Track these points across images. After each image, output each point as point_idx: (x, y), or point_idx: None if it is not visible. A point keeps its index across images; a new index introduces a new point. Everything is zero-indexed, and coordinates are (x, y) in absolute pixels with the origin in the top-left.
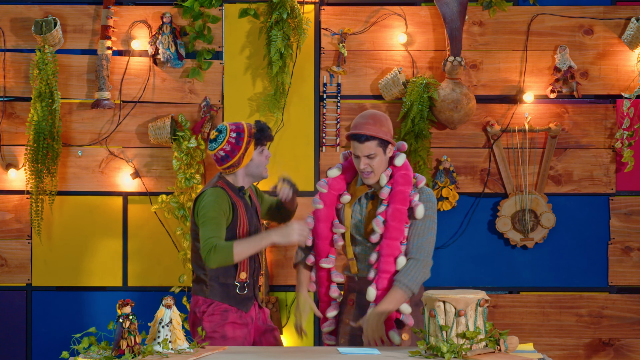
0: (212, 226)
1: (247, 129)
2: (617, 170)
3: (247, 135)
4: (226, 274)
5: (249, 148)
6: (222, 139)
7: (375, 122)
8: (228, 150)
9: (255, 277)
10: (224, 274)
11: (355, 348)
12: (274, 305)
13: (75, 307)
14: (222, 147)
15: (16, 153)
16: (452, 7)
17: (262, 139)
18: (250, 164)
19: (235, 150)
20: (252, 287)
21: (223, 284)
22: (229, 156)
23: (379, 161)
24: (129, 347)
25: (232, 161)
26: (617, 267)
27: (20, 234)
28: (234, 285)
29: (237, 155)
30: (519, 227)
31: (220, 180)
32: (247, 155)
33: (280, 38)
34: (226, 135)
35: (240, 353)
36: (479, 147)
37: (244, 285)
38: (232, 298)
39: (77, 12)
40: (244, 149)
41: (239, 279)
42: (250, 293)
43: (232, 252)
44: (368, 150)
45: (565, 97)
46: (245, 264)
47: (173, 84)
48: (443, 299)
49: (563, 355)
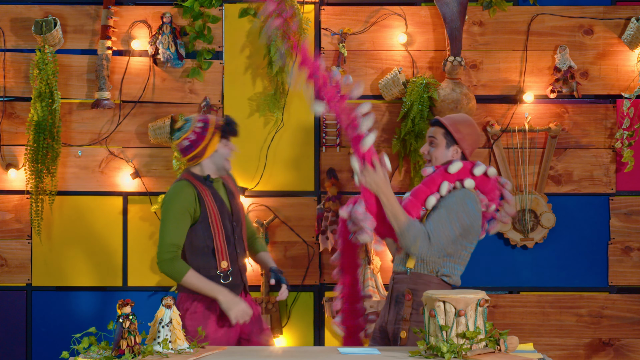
0: (173, 228)
1: (213, 121)
2: (617, 170)
3: (213, 126)
4: (207, 266)
5: (213, 139)
6: (188, 128)
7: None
8: (192, 139)
9: (240, 263)
10: (204, 266)
11: (355, 348)
12: (274, 305)
13: (75, 307)
14: (186, 136)
15: (16, 153)
16: (452, 7)
17: (227, 132)
18: (214, 155)
19: (200, 140)
20: (237, 274)
21: (209, 275)
22: (192, 146)
23: (438, 151)
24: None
25: (195, 151)
26: (617, 267)
27: (20, 234)
28: (217, 276)
29: (200, 145)
30: (519, 227)
31: (185, 173)
32: (211, 145)
33: (281, 38)
34: (192, 125)
35: (240, 353)
36: (479, 147)
37: (227, 274)
38: None
39: (77, 12)
40: (208, 140)
41: (220, 269)
42: (236, 280)
43: (182, 277)
44: (432, 132)
45: (565, 97)
46: (224, 251)
47: (173, 84)
48: (443, 299)
49: (563, 355)
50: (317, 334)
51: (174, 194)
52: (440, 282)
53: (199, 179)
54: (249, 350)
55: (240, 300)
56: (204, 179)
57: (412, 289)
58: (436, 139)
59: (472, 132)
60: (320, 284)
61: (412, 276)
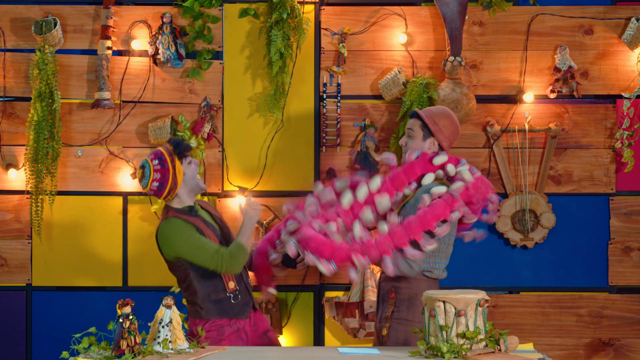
0: (203, 249)
1: (165, 151)
2: (617, 170)
3: (167, 155)
4: (216, 290)
5: (176, 165)
6: (149, 171)
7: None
8: (159, 177)
9: (245, 280)
10: (214, 290)
11: (355, 348)
12: (274, 305)
13: (75, 307)
14: (152, 178)
15: (16, 153)
16: (452, 7)
17: (182, 151)
18: (185, 179)
19: (166, 174)
20: (245, 291)
21: (216, 300)
22: (163, 183)
23: (414, 143)
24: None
25: (168, 185)
26: (617, 267)
27: (20, 234)
28: (227, 298)
29: (169, 177)
30: (519, 227)
31: (169, 212)
32: (179, 172)
33: (280, 38)
34: (150, 166)
35: (240, 353)
36: (479, 147)
37: (236, 294)
38: (228, 311)
39: (77, 12)
40: (173, 168)
41: (229, 290)
42: (246, 298)
43: (242, 247)
44: (410, 124)
45: (565, 97)
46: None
47: (173, 84)
48: (443, 299)
49: (563, 355)
50: (317, 334)
51: (174, 232)
52: (422, 278)
53: (183, 212)
54: (249, 350)
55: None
56: (189, 210)
57: (395, 286)
58: (413, 130)
59: (449, 124)
60: (320, 284)
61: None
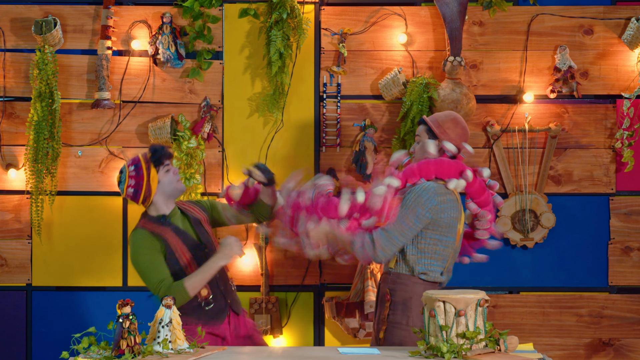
0: (151, 272)
1: (142, 158)
2: (617, 170)
3: (144, 162)
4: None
5: (151, 173)
6: (124, 177)
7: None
8: (133, 184)
9: (222, 287)
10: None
11: (355, 348)
12: (274, 305)
13: (75, 307)
14: (127, 184)
15: (16, 153)
16: (452, 7)
17: (159, 159)
18: (162, 186)
19: (140, 182)
20: (221, 298)
21: (191, 305)
22: (137, 190)
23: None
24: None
25: (142, 192)
26: (617, 267)
27: (20, 234)
28: (199, 305)
29: (143, 185)
30: (519, 227)
31: (142, 220)
32: (152, 180)
33: (280, 38)
34: (126, 172)
35: (240, 353)
36: (479, 147)
37: (209, 301)
38: (202, 316)
39: (77, 12)
40: (147, 176)
41: (201, 298)
42: (220, 304)
43: (184, 290)
44: (418, 131)
45: (565, 97)
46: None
47: (173, 84)
48: (443, 299)
49: (563, 355)
50: (317, 334)
51: (135, 245)
52: (418, 281)
53: (154, 221)
54: (249, 350)
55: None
56: (160, 220)
57: (391, 289)
58: (420, 136)
59: (453, 126)
60: (320, 284)
61: (392, 276)
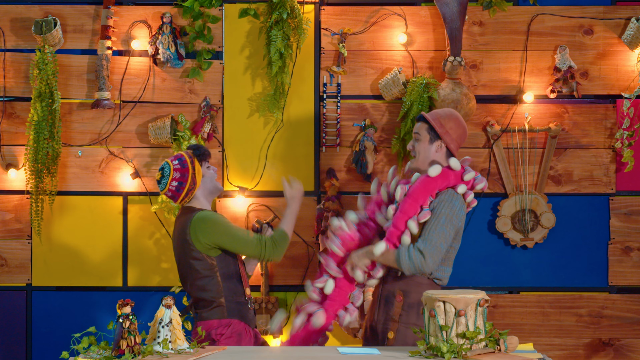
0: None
1: (185, 153)
2: (617, 170)
3: (188, 157)
4: (237, 293)
5: (196, 166)
6: (169, 172)
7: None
8: (178, 177)
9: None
10: (235, 292)
11: (355, 348)
12: (274, 305)
13: (75, 307)
14: (172, 178)
15: (16, 153)
16: (452, 7)
17: (202, 155)
18: (205, 180)
19: (186, 173)
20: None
21: (238, 302)
22: (182, 182)
23: (421, 146)
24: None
25: (187, 185)
26: (617, 267)
27: (20, 234)
28: (245, 303)
29: (189, 177)
30: (519, 227)
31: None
32: (198, 172)
33: (280, 38)
34: (170, 167)
35: (240, 353)
36: (479, 147)
37: (252, 302)
38: (245, 316)
39: (77, 12)
40: (192, 168)
41: (247, 296)
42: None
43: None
44: (417, 128)
45: (565, 97)
46: (246, 280)
47: (173, 84)
48: (443, 299)
49: (563, 355)
50: None
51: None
52: (431, 283)
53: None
54: (249, 350)
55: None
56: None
57: (404, 290)
58: (420, 134)
59: (455, 126)
60: None
61: (403, 277)
